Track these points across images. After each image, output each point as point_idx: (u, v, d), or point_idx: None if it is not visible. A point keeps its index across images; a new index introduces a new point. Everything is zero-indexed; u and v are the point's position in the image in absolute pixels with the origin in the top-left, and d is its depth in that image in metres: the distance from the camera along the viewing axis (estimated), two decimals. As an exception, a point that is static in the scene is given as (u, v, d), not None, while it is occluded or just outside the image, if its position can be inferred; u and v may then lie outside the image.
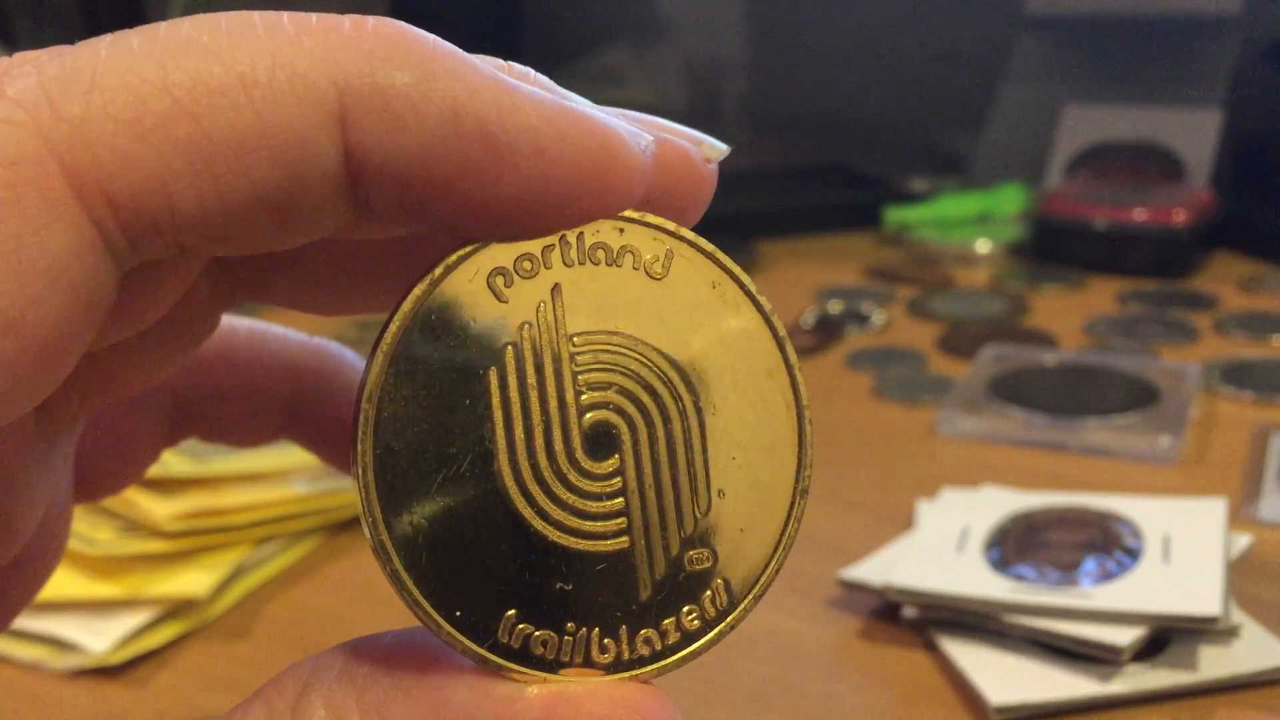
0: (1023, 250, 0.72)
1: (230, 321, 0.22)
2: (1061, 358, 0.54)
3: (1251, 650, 0.32)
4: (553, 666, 0.16)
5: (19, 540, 0.18)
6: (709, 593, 0.16)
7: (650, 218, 0.16)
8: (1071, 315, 0.62)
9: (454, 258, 0.15)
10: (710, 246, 0.17)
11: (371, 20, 0.14)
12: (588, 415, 0.16)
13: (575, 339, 0.16)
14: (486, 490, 0.15)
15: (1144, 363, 0.53)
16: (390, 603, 0.15)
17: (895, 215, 0.77)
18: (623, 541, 0.16)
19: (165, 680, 0.34)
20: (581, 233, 0.16)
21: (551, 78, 0.16)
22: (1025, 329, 0.61)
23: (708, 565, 0.16)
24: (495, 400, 0.15)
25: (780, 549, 0.17)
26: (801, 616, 0.36)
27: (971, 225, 0.75)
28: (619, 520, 0.16)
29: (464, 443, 0.15)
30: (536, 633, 0.16)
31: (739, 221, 0.79)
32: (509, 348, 0.15)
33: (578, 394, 0.16)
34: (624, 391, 0.16)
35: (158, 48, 0.13)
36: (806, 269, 0.73)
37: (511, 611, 0.15)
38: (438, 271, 0.15)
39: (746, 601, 0.17)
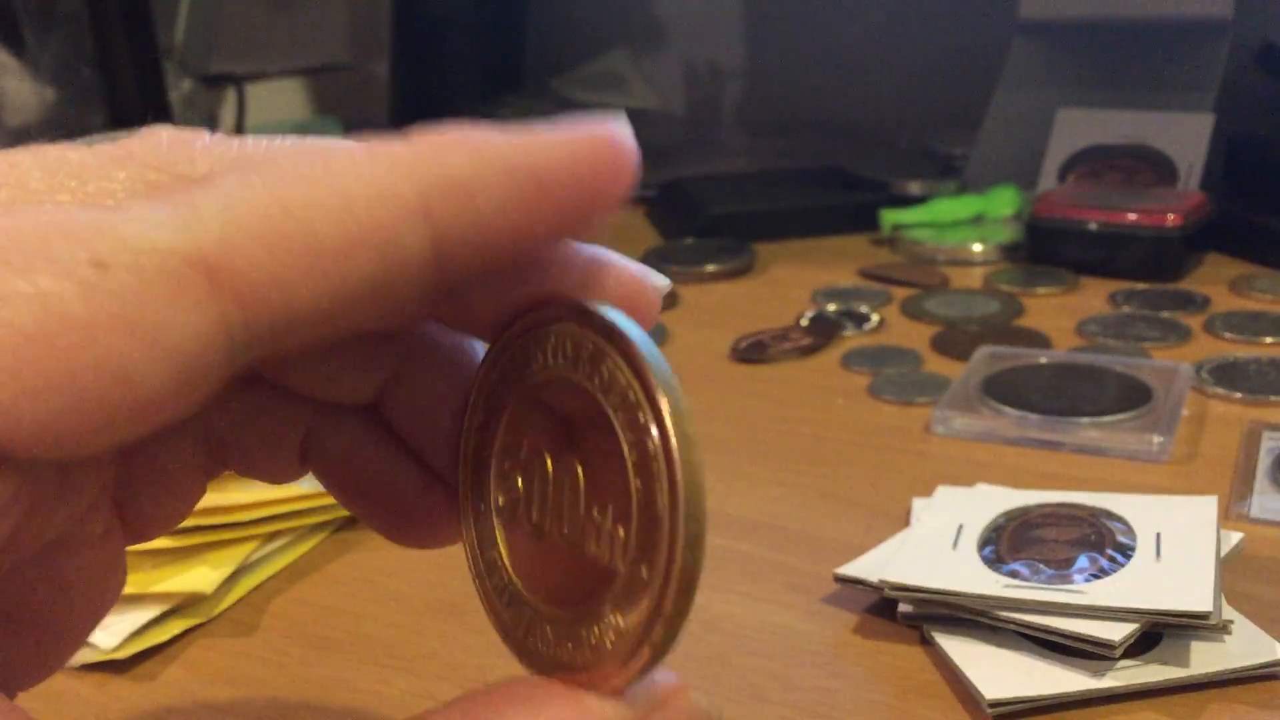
0: (1017, 252, 0.73)
1: None
2: (1055, 358, 0.54)
3: (1242, 646, 0.32)
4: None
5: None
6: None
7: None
8: (1065, 316, 0.63)
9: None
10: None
11: (426, 132, 0.17)
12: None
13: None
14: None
15: (1136, 363, 0.53)
16: (391, 600, 0.16)
17: (891, 218, 0.77)
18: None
19: (172, 675, 0.35)
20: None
21: (553, 82, 0.17)
22: (1019, 329, 0.61)
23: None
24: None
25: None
26: (798, 612, 0.36)
27: (966, 227, 0.76)
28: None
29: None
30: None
31: (737, 223, 0.79)
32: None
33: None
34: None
35: (275, 180, 0.16)
36: (804, 270, 0.73)
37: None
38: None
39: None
